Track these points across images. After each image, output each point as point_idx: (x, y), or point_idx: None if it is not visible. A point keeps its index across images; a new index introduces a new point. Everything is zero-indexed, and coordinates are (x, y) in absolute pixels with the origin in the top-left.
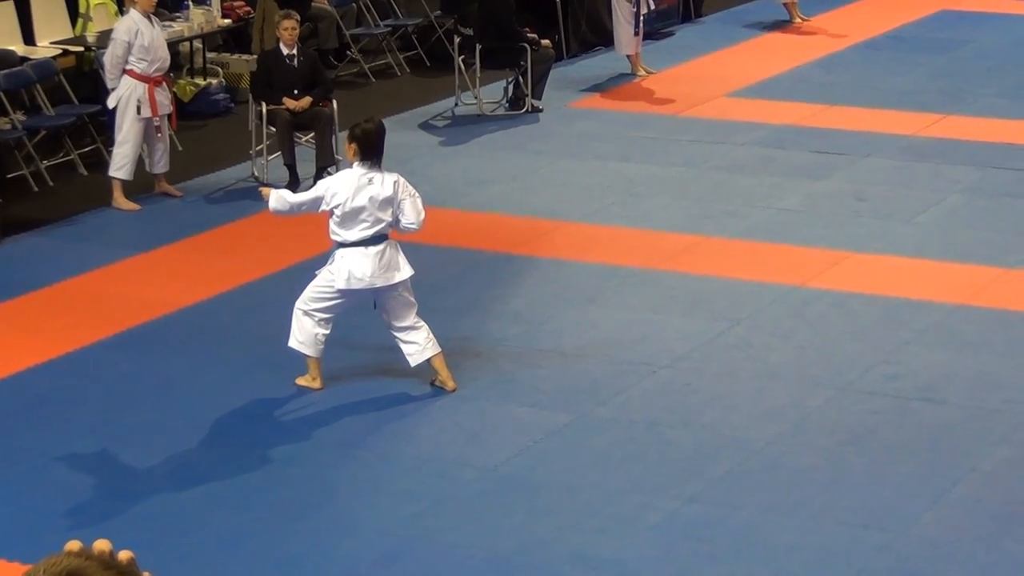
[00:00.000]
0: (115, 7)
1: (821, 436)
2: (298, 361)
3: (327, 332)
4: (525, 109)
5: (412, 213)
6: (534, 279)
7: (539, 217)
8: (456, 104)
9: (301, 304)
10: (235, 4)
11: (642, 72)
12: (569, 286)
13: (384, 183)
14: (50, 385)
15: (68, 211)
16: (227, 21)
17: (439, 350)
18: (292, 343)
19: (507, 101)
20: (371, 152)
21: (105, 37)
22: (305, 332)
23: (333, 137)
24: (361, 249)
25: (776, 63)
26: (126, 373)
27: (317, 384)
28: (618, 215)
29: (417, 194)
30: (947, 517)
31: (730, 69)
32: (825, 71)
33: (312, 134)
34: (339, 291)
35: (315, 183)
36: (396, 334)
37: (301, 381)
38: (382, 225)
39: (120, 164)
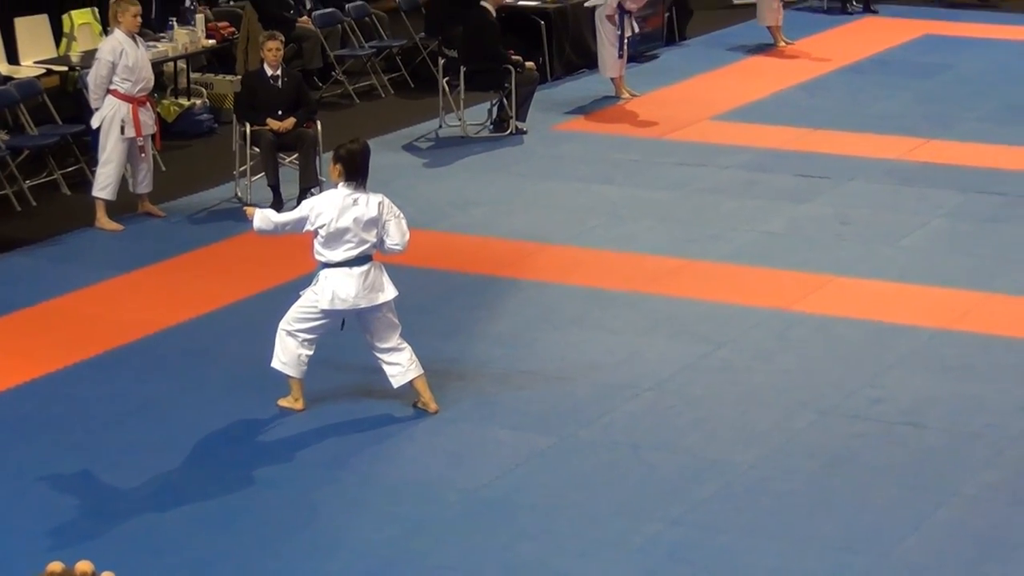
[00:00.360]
0: (99, 27)
1: (804, 460)
2: (281, 382)
3: (310, 353)
4: (509, 131)
5: (397, 234)
6: (517, 301)
7: (523, 239)
8: (440, 126)
9: (285, 324)
10: (219, 25)
11: (626, 95)
12: (553, 308)
13: (369, 204)
14: (32, 405)
15: (51, 231)
16: (211, 42)
17: (421, 372)
18: (275, 363)
19: (491, 123)
20: (356, 173)
21: (89, 57)
22: (288, 352)
23: (317, 158)
24: (345, 270)
25: (760, 87)
26: (108, 393)
27: (299, 405)
28: (602, 238)
29: (402, 215)
30: (930, 541)
31: (714, 92)
32: (809, 95)
33: (296, 155)
34: (323, 311)
35: (299, 204)
36: (379, 355)
37: (283, 402)
38: (367, 246)
39: (103, 184)
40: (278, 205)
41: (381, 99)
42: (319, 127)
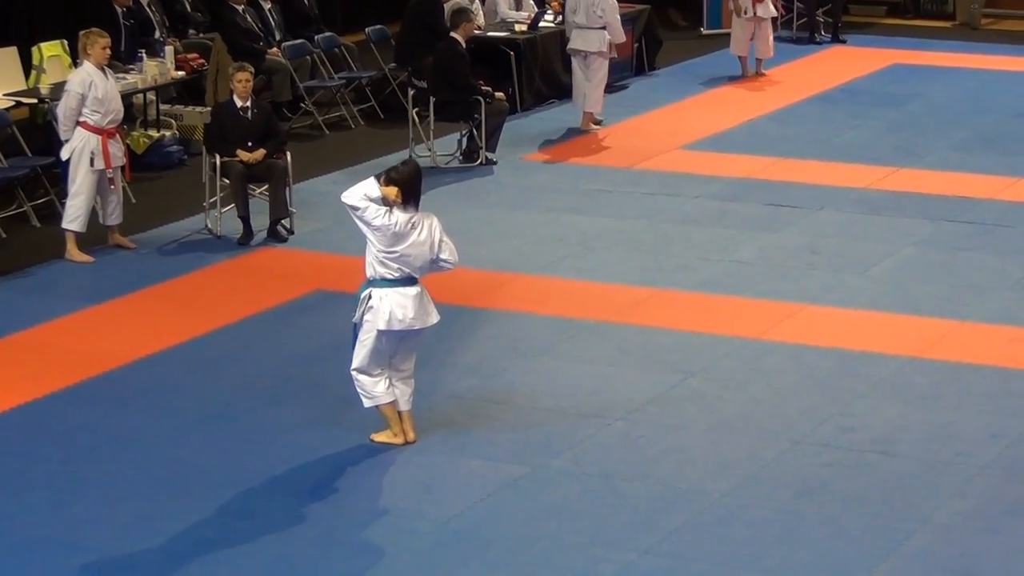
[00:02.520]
0: (69, 59)
1: (775, 488)
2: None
3: (388, 379)
4: (479, 162)
5: (448, 252)
6: (488, 331)
7: (493, 269)
8: (410, 156)
9: (354, 365)
10: (189, 56)
11: (592, 127)
12: (523, 338)
13: (426, 225)
14: (2, 436)
15: (21, 263)
16: (181, 73)
17: (410, 407)
18: (367, 404)
19: (461, 153)
20: (412, 195)
21: (59, 89)
22: (369, 387)
23: (287, 189)
24: (401, 290)
25: (730, 116)
26: (79, 425)
27: (399, 439)
28: (572, 267)
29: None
30: (901, 570)
31: (684, 122)
32: (779, 124)
33: (266, 186)
34: (379, 332)
35: (268, 235)
36: (392, 374)
37: (380, 437)
38: (423, 265)
39: (73, 216)
40: (248, 237)
41: (351, 130)
42: (289, 158)
